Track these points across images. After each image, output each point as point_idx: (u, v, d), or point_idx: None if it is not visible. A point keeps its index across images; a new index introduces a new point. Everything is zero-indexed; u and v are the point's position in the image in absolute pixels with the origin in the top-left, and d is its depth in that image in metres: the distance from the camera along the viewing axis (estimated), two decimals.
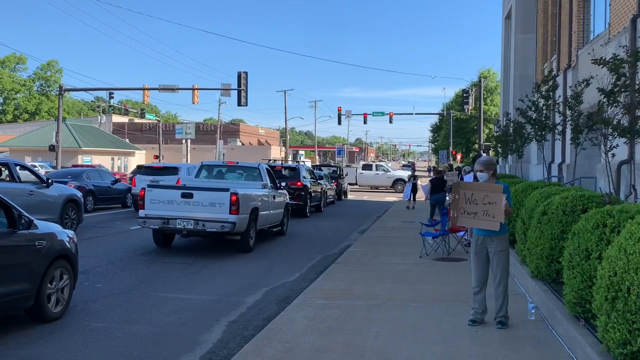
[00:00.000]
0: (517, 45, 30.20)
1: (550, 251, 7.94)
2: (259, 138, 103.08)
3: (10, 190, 11.88)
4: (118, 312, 8.00)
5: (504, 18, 35.39)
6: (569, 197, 8.19)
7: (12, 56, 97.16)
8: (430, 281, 9.93)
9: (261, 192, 14.77)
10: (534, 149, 23.53)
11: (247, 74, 35.76)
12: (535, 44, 27.92)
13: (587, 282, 5.97)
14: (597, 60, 9.42)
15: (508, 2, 33.29)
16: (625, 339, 4.58)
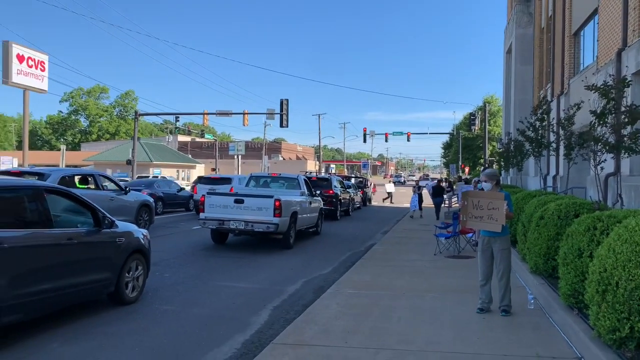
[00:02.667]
0: (516, 74, 29.76)
1: (547, 250, 7.78)
2: (297, 154, 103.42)
3: (95, 197, 12.08)
4: (183, 297, 8.08)
5: (505, 52, 34.93)
6: (563, 204, 8.03)
7: (97, 87, 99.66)
8: (444, 275, 9.79)
9: (299, 198, 14.80)
10: (532, 163, 23.08)
11: (287, 100, 35.96)
12: (532, 74, 27.47)
13: (580, 277, 5.83)
14: (590, 87, 9.25)
15: (509, 39, 32.88)
16: (615, 326, 4.46)
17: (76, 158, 65.21)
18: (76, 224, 6.70)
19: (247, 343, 6.02)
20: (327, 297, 7.84)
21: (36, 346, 5.56)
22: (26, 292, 5.44)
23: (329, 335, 5.99)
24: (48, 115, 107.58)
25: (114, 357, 5.41)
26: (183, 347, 5.79)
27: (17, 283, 5.30)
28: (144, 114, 43.64)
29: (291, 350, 5.42)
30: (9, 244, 5.25)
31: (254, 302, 7.89)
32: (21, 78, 29.76)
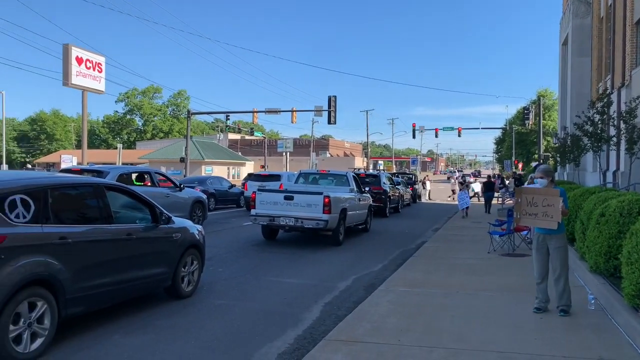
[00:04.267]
0: (573, 67, 28.67)
1: (608, 249, 7.46)
2: (344, 150, 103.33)
3: (151, 194, 12.45)
4: (236, 291, 8.24)
5: (561, 44, 33.70)
6: (625, 201, 7.67)
7: (151, 87, 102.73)
8: (498, 273, 9.56)
9: (348, 195, 14.79)
10: (590, 158, 22.22)
11: (335, 97, 35.96)
12: (590, 66, 26.38)
13: None
14: None
15: (564, 30, 31.70)
16: None
17: (132, 156, 67.53)
18: (135, 220, 6.93)
19: (300, 338, 6.07)
20: (378, 295, 7.80)
21: (98, 337, 5.80)
22: (89, 285, 5.67)
23: (381, 332, 5.96)
24: (105, 115, 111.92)
25: (172, 349, 5.57)
26: (237, 341, 5.90)
27: (80, 276, 5.53)
28: (195, 112, 44.67)
29: (344, 347, 5.43)
30: (72, 239, 5.49)
31: (305, 298, 7.94)
32: (80, 79, 31.05)
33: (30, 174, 6.03)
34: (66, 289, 5.33)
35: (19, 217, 5.02)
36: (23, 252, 4.90)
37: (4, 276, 4.66)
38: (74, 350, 5.37)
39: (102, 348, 5.48)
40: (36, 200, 5.26)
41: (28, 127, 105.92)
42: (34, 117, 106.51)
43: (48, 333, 5.17)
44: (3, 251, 4.70)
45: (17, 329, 4.85)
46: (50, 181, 5.74)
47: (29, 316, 4.97)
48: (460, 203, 22.04)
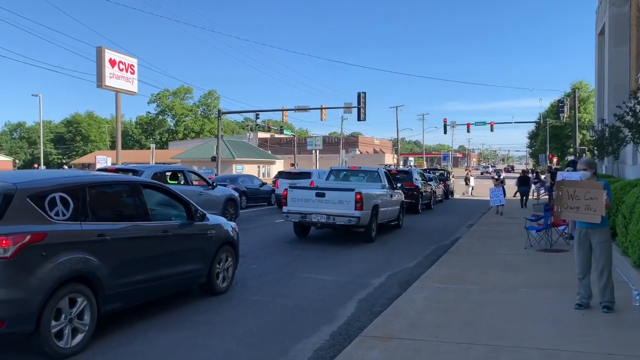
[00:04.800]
0: (610, 57, 27.82)
1: None
2: (374, 147, 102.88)
3: (185, 192, 12.55)
4: (270, 288, 8.26)
5: (597, 34, 32.75)
6: None
7: (182, 88, 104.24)
8: (536, 269, 9.33)
9: (380, 191, 14.68)
10: (630, 150, 21.54)
11: (365, 93, 35.76)
12: (629, 55, 25.56)
13: None
14: None
15: (601, 20, 30.80)
16: None
17: (164, 156, 68.64)
18: (170, 217, 7.01)
19: (335, 335, 6.04)
20: (413, 291, 7.71)
21: (135, 333, 5.88)
22: (126, 282, 5.76)
23: (418, 329, 5.88)
24: (138, 116, 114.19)
25: (208, 345, 5.61)
26: (273, 337, 5.90)
27: (118, 273, 5.62)
28: (226, 112, 45.08)
29: (380, 343, 5.37)
30: (110, 236, 5.58)
31: (339, 294, 7.91)
32: (113, 81, 31.68)
33: (69, 173, 6.15)
34: (105, 286, 5.42)
35: (59, 215, 5.12)
36: (63, 249, 5.00)
37: (45, 272, 4.76)
38: (112, 346, 5.45)
39: (139, 344, 5.56)
40: (75, 198, 5.36)
41: (64, 129, 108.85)
42: (70, 119, 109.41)
43: (88, 329, 5.27)
44: (44, 248, 4.80)
45: (58, 324, 4.95)
46: (88, 179, 5.85)
47: (70, 312, 5.07)
48: (493, 200, 20.58)
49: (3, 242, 4.50)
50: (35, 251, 4.73)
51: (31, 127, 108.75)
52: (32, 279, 4.66)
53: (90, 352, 5.21)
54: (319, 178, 20.73)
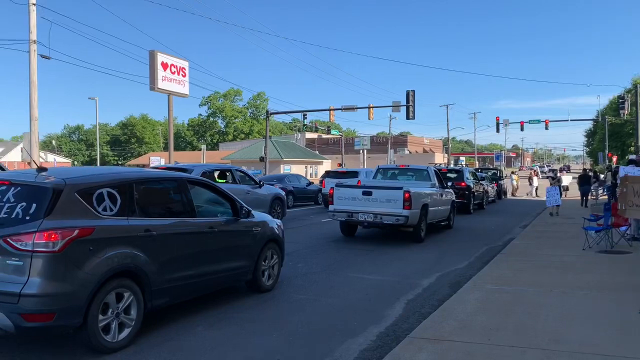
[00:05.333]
0: None
1: None
2: (424, 147, 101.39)
3: (232, 190, 12.59)
4: (315, 287, 8.16)
5: None
6: None
7: (232, 90, 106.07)
8: (596, 271, 8.83)
9: (430, 190, 14.34)
10: None
11: (414, 91, 35.24)
12: None
13: None
14: None
15: None
16: None
17: (215, 157, 69.87)
18: (216, 214, 7.02)
19: (382, 335, 5.87)
20: (464, 292, 7.43)
21: (183, 329, 5.90)
22: (173, 277, 5.78)
23: (469, 331, 5.63)
24: (190, 118, 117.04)
25: (253, 342, 5.55)
26: (318, 336, 5.79)
27: (165, 268, 5.65)
28: (274, 112, 45.46)
29: (429, 345, 5.16)
30: (157, 232, 5.61)
31: (387, 295, 7.72)
32: (165, 84, 32.45)
33: (117, 169, 6.24)
34: (151, 281, 5.46)
35: (106, 210, 5.19)
36: (110, 244, 5.05)
37: (93, 267, 4.82)
38: (158, 341, 5.48)
39: (185, 340, 5.56)
40: (122, 194, 5.41)
41: (120, 131, 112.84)
42: (125, 121, 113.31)
43: (135, 323, 5.31)
44: (91, 243, 4.87)
45: (105, 318, 5.00)
46: (136, 176, 5.91)
47: (117, 306, 5.12)
48: (549, 200, 19.77)
49: (52, 237, 4.58)
50: (83, 246, 4.80)
51: (89, 130, 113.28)
52: (79, 273, 4.72)
53: (137, 347, 5.25)
54: (367, 177, 20.50)
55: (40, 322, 4.50)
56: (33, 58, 20.80)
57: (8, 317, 4.41)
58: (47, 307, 4.51)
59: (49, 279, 4.53)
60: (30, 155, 6.21)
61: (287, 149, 62.55)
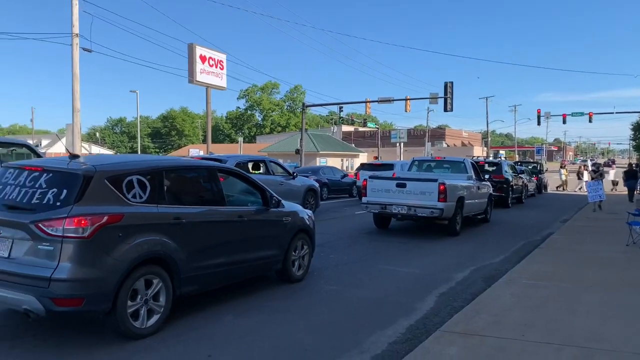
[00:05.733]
0: None
1: None
2: (462, 140, 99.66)
3: (266, 181, 12.60)
4: (346, 278, 8.06)
5: None
6: None
7: (269, 83, 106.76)
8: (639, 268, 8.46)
9: (466, 183, 14.02)
10: None
11: (452, 83, 34.60)
12: None
13: None
14: None
15: None
16: None
17: (252, 149, 70.45)
18: (246, 203, 7.01)
19: (412, 328, 5.74)
20: (499, 287, 7.22)
21: (213, 317, 5.91)
22: (202, 265, 5.79)
23: (503, 326, 5.44)
24: (228, 111, 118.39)
25: (281, 332, 5.51)
26: (347, 327, 5.71)
27: (194, 256, 5.66)
28: (310, 105, 45.45)
29: (460, 339, 5.01)
30: (186, 220, 5.62)
31: (418, 288, 7.57)
32: (204, 77, 32.84)
33: (148, 157, 6.28)
34: (180, 268, 5.47)
35: (136, 197, 5.21)
36: (139, 231, 5.08)
37: (122, 253, 4.86)
38: (187, 329, 5.50)
39: (214, 328, 5.57)
40: (152, 182, 5.44)
41: (160, 124, 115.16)
42: (165, 114, 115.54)
43: (163, 310, 5.34)
44: (120, 229, 4.90)
45: (134, 304, 5.04)
46: (166, 163, 5.93)
47: (146, 293, 5.15)
48: (591, 195, 18.89)
49: (82, 222, 4.63)
50: (112, 232, 4.84)
51: (131, 122, 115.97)
52: (108, 259, 4.76)
53: (165, 334, 5.28)
54: (402, 170, 20.23)
55: (69, 306, 4.57)
56: (75, 51, 21.34)
57: (39, 301, 4.48)
58: (76, 292, 4.56)
59: (78, 265, 4.59)
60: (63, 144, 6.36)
61: (323, 142, 62.48)
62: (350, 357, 4.86)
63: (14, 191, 4.96)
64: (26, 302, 4.54)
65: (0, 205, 4.95)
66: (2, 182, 5.14)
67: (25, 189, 4.92)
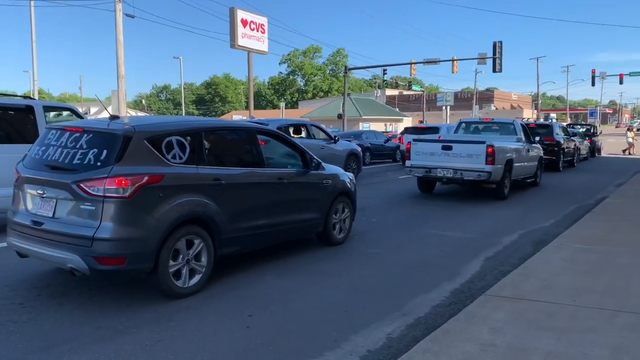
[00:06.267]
0: None
1: None
2: (511, 103, 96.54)
3: (307, 145, 12.46)
4: (388, 241, 7.95)
5: None
6: None
7: (311, 47, 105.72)
8: None
9: (515, 145, 13.52)
10: None
11: (501, 42, 33.34)
12: None
13: None
14: None
15: None
16: None
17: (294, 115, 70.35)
18: (286, 166, 6.94)
19: (456, 292, 5.60)
20: (548, 251, 6.95)
21: (253, 277, 5.93)
22: (242, 227, 5.78)
23: (552, 291, 5.23)
24: (270, 77, 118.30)
25: (322, 293, 5.48)
26: (388, 290, 5.62)
27: (234, 217, 5.65)
28: (352, 68, 44.84)
29: (507, 304, 4.84)
30: (226, 181, 5.59)
31: (463, 252, 7.38)
32: (245, 41, 32.73)
33: (187, 118, 6.27)
34: (221, 229, 5.48)
35: (175, 158, 5.20)
36: (179, 192, 5.09)
37: (162, 213, 4.88)
38: (228, 288, 5.54)
39: (254, 288, 5.58)
40: (191, 142, 5.41)
41: (204, 90, 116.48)
42: (209, 81, 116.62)
43: (205, 270, 5.38)
44: (161, 189, 4.91)
45: (176, 264, 5.09)
46: (205, 125, 5.90)
47: (187, 253, 5.19)
48: None
49: (122, 182, 4.65)
50: (153, 192, 4.85)
51: (175, 89, 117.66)
52: (149, 219, 4.79)
53: (207, 293, 5.33)
54: (448, 134, 19.73)
55: (112, 265, 4.64)
56: (119, 17, 21.57)
57: (83, 260, 4.57)
58: (118, 251, 4.63)
59: (119, 224, 4.64)
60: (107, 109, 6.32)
61: (366, 107, 61.76)
62: (392, 319, 4.78)
63: (56, 152, 5.03)
64: (71, 261, 4.64)
65: (44, 166, 5.05)
66: (45, 143, 5.23)
67: (67, 149, 4.98)
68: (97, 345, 4.04)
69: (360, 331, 4.48)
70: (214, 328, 4.46)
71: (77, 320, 4.53)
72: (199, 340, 4.19)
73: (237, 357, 3.93)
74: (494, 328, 4.27)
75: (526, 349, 3.88)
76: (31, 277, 5.72)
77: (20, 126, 7.90)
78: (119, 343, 4.09)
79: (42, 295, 5.16)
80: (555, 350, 3.84)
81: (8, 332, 4.24)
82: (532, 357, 3.73)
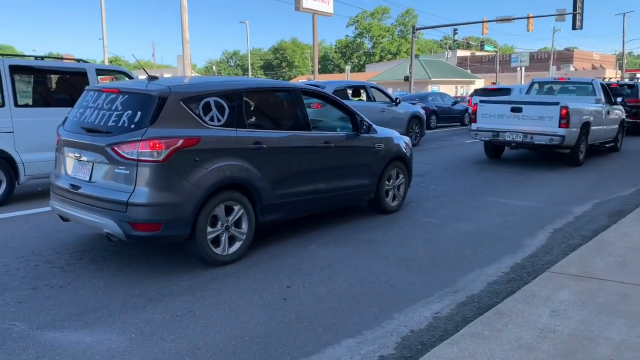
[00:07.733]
0: None
1: None
2: (592, 63, 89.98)
3: (366, 108, 12.13)
4: (447, 210, 7.42)
5: None
6: None
7: (379, 8, 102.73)
8: None
9: (593, 107, 12.37)
10: None
11: None
12: None
13: None
14: None
15: None
16: None
17: (360, 78, 69.30)
18: (335, 129, 6.56)
19: (517, 267, 5.09)
20: (627, 223, 6.22)
21: (296, 245, 5.67)
22: (285, 193, 5.49)
23: (628, 269, 4.61)
24: (337, 40, 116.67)
25: (367, 264, 5.12)
26: (440, 263, 5.19)
27: (276, 183, 5.36)
28: (420, 27, 43.13)
29: (573, 283, 4.30)
30: (267, 145, 5.29)
31: (529, 222, 6.77)
32: (310, 3, 32.08)
33: (227, 78, 5.95)
34: (262, 195, 5.22)
35: (213, 120, 4.93)
36: (217, 156, 4.83)
37: (199, 178, 4.65)
38: (271, 256, 5.30)
39: (297, 257, 5.31)
40: (230, 104, 5.12)
41: (272, 55, 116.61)
42: (276, 46, 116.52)
43: (246, 237, 5.16)
44: (197, 153, 4.68)
45: (215, 231, 4.89)
46: (245, 85, 5.56)
47: (226, 219, 4.97)
48: None
49: (156, 146, 4.44)
50: (189, 156, 4.62)
51: (244, 55, 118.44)
52: (185, 183, 4.58)
53: (247, 262, 5.11)
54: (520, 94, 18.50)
55: (147, 231, 4.48)
56: None
57: (118, 225, 4.44)
58: (153, 216, 4.46)
59: (154, 189, 4.45)
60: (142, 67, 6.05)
61: (436, 68, 59.56)
62: (442, 296, 4.37)
63: (93, 114, 4.90)
64: (107, 225, 4.52)
65: (81, 129, 4.93)
66: (83, 105, 5.11)
67: (102, 111, 4.83)
68: (127, 315, 3.90)
69: (405, 308, 4.11)
70: (249, 299, 4.23)
71: (112, 287, 4.43)
72: (231, 312, 3.97)
73: (269, 333, 3.68)
74: (556, 311, 3.77)
75: (593, 337, 3.37)
76: (77, 240, 5.72)
77: (75, 90, 7.95)
78: (149, 312, 3.95)
79: (83, 259, 5.13)
80: (629, 340, 3.32)
81: (44, 297, 4.20)
82: (600, 348, 3.23)
